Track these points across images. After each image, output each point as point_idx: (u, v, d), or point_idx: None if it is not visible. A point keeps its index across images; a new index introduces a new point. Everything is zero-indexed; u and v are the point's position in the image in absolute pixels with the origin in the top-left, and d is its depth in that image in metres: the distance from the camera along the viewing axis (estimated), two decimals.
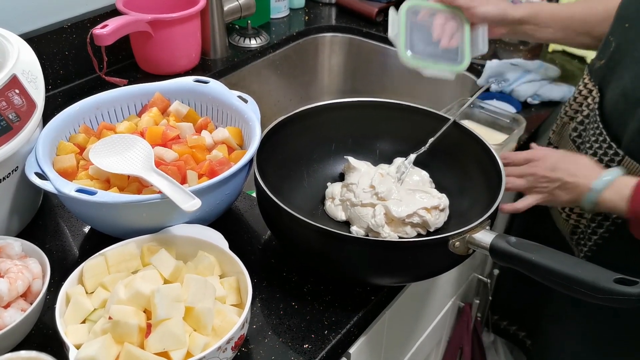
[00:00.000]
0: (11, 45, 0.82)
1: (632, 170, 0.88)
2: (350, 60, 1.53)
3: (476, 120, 1.14)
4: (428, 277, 0.78)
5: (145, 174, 0.75)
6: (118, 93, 0.92)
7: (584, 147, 0.98)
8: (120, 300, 0.63)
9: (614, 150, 0.91)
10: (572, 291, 0.62)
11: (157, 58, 1.22)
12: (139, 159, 0.78)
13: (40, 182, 0.74)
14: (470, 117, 1.14)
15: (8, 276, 0.66)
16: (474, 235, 0.71)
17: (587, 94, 0.99)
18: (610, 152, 0.91)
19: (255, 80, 1.38)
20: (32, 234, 0.85)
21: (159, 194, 0.73)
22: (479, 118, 1.14)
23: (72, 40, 1.16)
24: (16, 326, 0.63)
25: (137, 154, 0.79)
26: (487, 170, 0.84)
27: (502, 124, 1.12)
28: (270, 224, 0.81)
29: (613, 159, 0.91)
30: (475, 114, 1.14)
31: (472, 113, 1.14)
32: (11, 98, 0.76)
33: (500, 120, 1.12)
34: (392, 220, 0.83)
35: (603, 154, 0.92)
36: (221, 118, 0.93)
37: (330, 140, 0.96)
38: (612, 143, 0.91)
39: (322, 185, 0.93)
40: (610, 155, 0.91)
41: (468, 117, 1.14)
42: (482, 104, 1.13)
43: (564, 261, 0.64)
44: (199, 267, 0.71)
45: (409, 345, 1.10)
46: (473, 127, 0.91)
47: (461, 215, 0.86)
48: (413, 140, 0.92)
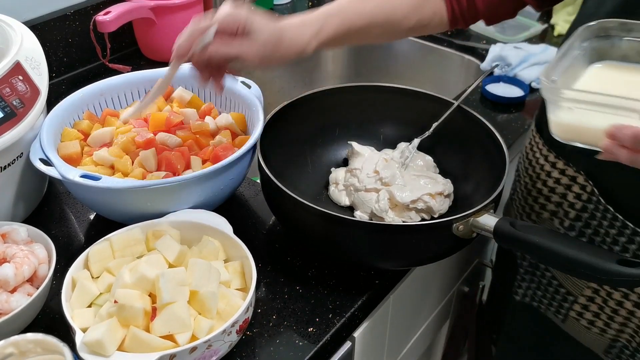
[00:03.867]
0: (14, 32, 0.82)
1: None
2: (354, 46, 1.52)
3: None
4: (432, 261, 0.78)
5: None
6: (122, 79, 0.92)
7: (601, 245, 0.81)
8: (126, 284, 0.64)
9: (632, 229, 0.76)
10: (575, 273, 0.63)
11: (160, 45, 1.22)
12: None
13: (45, 168, 0.74)
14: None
15: (14, 261, 0.66)
16: (478, 219, 0.71)
17: (570, 182, 0.82)
18: (627, 232, 0.77)
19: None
20: (38, 220, 0.85)
21: (163, 179, 0.73)
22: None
23: (75, 28, 1.16)
24: (22, 310, 0.64)
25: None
26: (491, 154, 0.83)
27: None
28: (274, 209, 0.81)
29: (632, 240, 0.77)
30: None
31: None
32: (15, 84, 0.76)
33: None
34: (396, 206, 0.83)
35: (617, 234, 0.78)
36: (224, 104, 0.93)
37: (334, 125, 0.95)
38: (627, 222, 0.76)
39: (326, 171, 0.93)
40: (627, 235, 0.77)
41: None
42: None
43: (567, 243, 0.64)
44: (204, 251, 0.71)
45: (414, 329, 1.11)
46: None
47: (465, 199, 0.86)
48: (417, 125, 0.92)
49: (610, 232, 0.78)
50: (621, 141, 0.54)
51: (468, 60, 1.34)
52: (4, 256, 0.67)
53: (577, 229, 0.83)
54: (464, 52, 1.35)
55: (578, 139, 0.59)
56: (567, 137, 0.60)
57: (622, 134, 0.53)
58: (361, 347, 0.85)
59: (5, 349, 0.47)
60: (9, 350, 0.47)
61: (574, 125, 0.58)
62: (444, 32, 1.37)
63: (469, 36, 1.39)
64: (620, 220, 0.76)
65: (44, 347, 0.48)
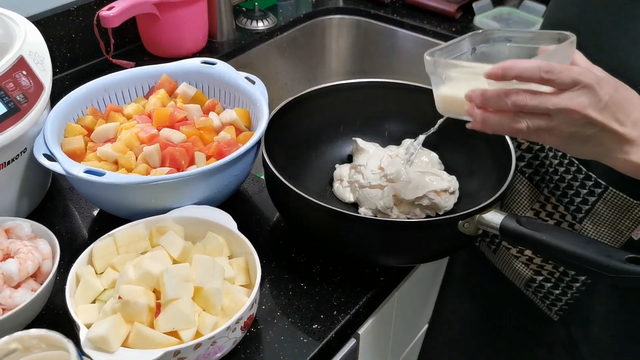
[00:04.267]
0: (18, 27, 0.81)
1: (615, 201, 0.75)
2: (359, 42, 1.52)
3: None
4: (437, 258, 0.77)
5: None
6: (125, 75, 0.92)
7: (539, 177, 0.84)
8: (130, 280, 0.63)
9: (594, 180, 0.77)
10: (583, 271, 0.62)
11: (163, 40, 1.22)
12: None
13: (49, 164, 0.74)
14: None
15: (18, 257, 0.66)
16: (484, 216, 0.70)
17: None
18: (580, 177, 0.78)
19: (263, 62, 1.38)
20: (42, 215, 0.85)
21: (167, 175, 0.73)
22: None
23: (79, 23, 1.16)
24: (26, 306, 0.64)
25: None
26: (497, 151, 0.83)
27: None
28: (279, 205, 0.80)
29: (584, 184, 0.78)
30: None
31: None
32: (18, 79, 0.76)
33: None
34: (400, 202, 0.83)
35: (572, 179, 0.79)
36: (229, 99, 0.93)
37: (339, 122, 0.95)
38: (581, 166, 0.77)
39: (330, 167, 0.93)
40: (580, 179, 0.78)
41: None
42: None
43: (575, 240, 0.64)
44: (208, 247, 0.71)
45: (419, 326, 1.11)
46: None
47: (470, 195, 0.86)
48: (422, 121, 0.91)
49: (553, 162, 0.81)
50: (475, 101, 0.62)
51: None
52: (8, 252, 0.67)
53: (526, 159, 0.85)
54: None
55: (453, 110, 0.69)
56: (446, 109, 0.70)
57: (474, 94, 0.62)
58: (366, 344, 0.84)
59: (10, 345, 0.47)
60: (13, 346, 0.47)
61: (449, 96, 0.68)
62: (449, 28, 1.38)
63: None
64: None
65: (48, 343, 0.47)
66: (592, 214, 0.78)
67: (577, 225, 0.79)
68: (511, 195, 0.87)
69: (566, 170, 0.79)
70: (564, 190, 0.80)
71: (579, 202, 0.79)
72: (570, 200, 0.79)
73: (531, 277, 0.88)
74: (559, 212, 0.82)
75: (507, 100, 0.59)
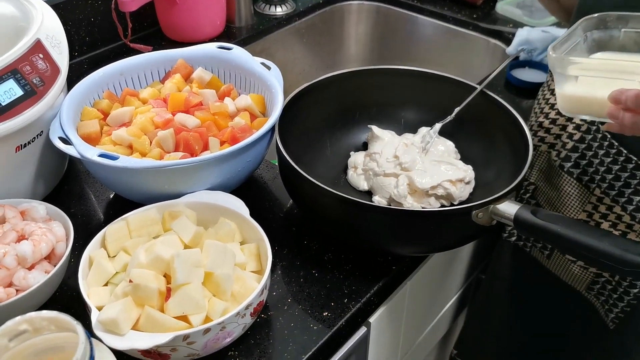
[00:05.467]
0: (35, 10, 0.82)
1: None
2: (378, 29, 1.50)
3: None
4: (450, 248, 0.77)
5: None
6: (142, 59, 0.92)
7: (588, 177, 0.82)
8: (141, 264, 0.64)
9: (635, 163, 0.76)
10: (598, 264, 0.61)
11: (181, 25, 1.22)
12: None
13: (64, 147, 0.74)
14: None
15: (32, 238, 0.67)
16: (498, 206, 0.69)
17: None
18: (638, 174, 0.77)
19: (281, 48, 1.37)
20: (58, 198, 0.86)
21: (180, 160, 0.73)
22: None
23: (98, 7, 1.16)
24: (40, 287, 0.65)
25: None
26: (514, 140, 0.82)
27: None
28: (292, 192, 0.80)
29: (634, 174, 0.77)
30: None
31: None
32: (35, 62, 0.76)
33: None
34: (415, 191, 0.82)
35: (629, 177, 0.78)
36: (244, 85, 0.92)
37: (355, 109, 0.94)
38: (630, 155, 0.76)
39: (345, 154, 0.92)
40: (639, 177, 0.77)
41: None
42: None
43: (591, 233, 0.63)
44: (220, 233, 0.71)
45: (431, 315, 1.10)
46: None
47: (486, 185, 0.85)
48: (439, 109, 0.90)
49: (605, 160, 0.78)
50: (624, 103, 0.56)
51: (494, 45, 1.31)
52: (23, 233, 0.68)
53: (573, 159, 0.82)
54: (489, 36, 1.33)
55: (584, 111, 0.63)
56: (574, 110, 0.64)
57: (625, 96, 0.56)
58: (376, 332, 0.84)
59: (20, 326, 0.47)
60: (23, 327, 0.47)
61: (580, 96, 0.62)
62: (470, 15, 1.35)
63: (495, 19, 1.36)
64: (616, 147, 0.77)
65: (57, 325, 0.48)
66: None
67: (637, 226, 0.77)
68: (561, 198, 0.85)
69: (621, 167, 0.77)
70: (620, 190, 0.77)
71: (638, 200, 0.76)
72: (628, 200, 0.77)
73: (593, 280, 0.86)
74: (615, 213, 0.79)
75: None
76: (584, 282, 0.87)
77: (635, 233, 0.79)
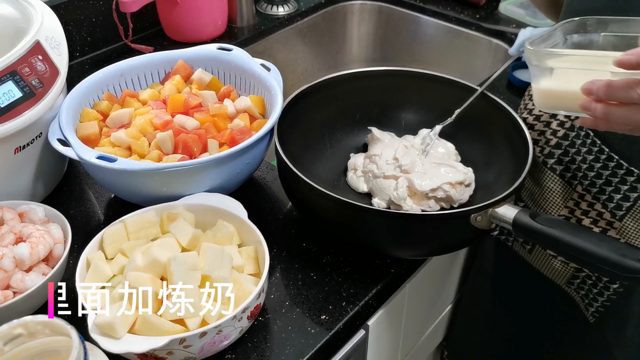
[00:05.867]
0: (35, 11, 0.82)
1: None
2: (380, 29, 1.50)
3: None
4: (449, 251, 0.76)
5: None
6: (142, 60, 0.92)
7: (571, 174, 0.82)
8: (138, 267, 0.64)
9: (626, 168, 0.75)
10: (596, 269, 0.61)
11: (182, 25, 1.21)
12: None
13: (62, 149, 0.74)
14: None
15: (30, 241, 0.67)
16: (497, 210, 0.69)
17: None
18: (620, 172, 0.76)
19: (283, 48, 1.37)
20: (58, 199, 0.86)
21: (178, 162, 0.73)
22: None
23: (99, 7, 1.16)
24: (37, 289, 0.65)
25: None
26: (515, 143, 0.81)
27: None
28: (290, 194, 0.80)
29: (625, 180, 0.76)
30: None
31: None
32: (34, 64, 0.77)
33: None
34: (415, 194, 0.82)
35: (610, 175, 0.77)
36: (244, 86, 0.92)
37: (355, 110, 0.94)
38: (612, 154, 0.75)
39: (345, 156, 0.92)
40: (620, 175, 0.76)
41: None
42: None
43: (589, 237, 0.62)
44: (218, 235, 0.71)
45: (431, 317, 1.10)
46: None
47: (487, 187, 0.84)
48: (439, 111, 0.90)
49: (587, 158, 0.78)
50: (596, 94, 0.56)
51: (496, 45, 1.31)
52: (20, 235, 0.68)
53: (556, 156, 0.82)
54: (492, 36, 1.32)
55: (558, 106, 0.64)
56: (549, 105, 0.64)
57: (596, 87, 0.55)
58: (375, 335, 0.84)
59: (15, 330, 0.47)
60: (18, 331, 0.47)
61: (555, 90, 0.62)
62: (473, 15, 1.35)
63: (498, 19, 1.35)
64: (598, 145, 0.76)
65: (52, 329, 0.48)
66: (634, 211, 0.75)
67: (617, 224, 0.77)
68: (543, 194, 0.85)
69: (603, 165, 0.76)
70: (601, 187, 0.77)
71: (619, 199, 0.76)
72: (609, 197, 0.77)
73: (573, 274, 0.86)
74: (596, 210, 0.79)
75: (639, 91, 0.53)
76: (565, 276, 0.87)
77: (615, 230, 0.79)
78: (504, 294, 1.03)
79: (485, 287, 1.05)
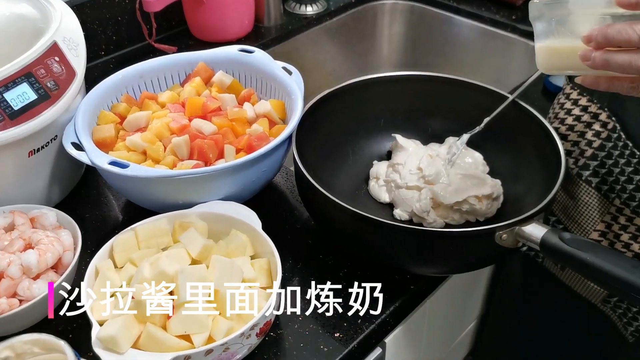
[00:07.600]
0: (55, 11, 0.81)
1: None
2: (412, 29, 1.45)
3: None
4: (472, 269, 0.72)
5: None
6: (162, 62, 0.90)
7: (608, 186, 0.78)
8: (144, 279, 0.62)
9: None
10: (629, 298, 0.56)
11: (208, 24, 1.20)
12: None
13: (76, 153, 0.73)
14: None
15: (38, 248, 0.65)
16: (524, 228, 0.65)
17: (591, 120, 0.78)
18: None
19: (310, 48, 1.34)
20: (74, 203, 0.84)
21: (191, 170, 0.71)
22: None
23: (125, 6, 1.15)
24: (44, 298, 0.63)
25: None
26: (546, 155, 0.77)
27: None
28: (307, 203, 0.77)
29: None
30: None
31: None
32: (50, 65, 0.75)
33: None
34: (439, 206, 0.78)
35: None
36: (265, 90, 0.90)
37: (379, 116, 0.90)
38: None
39: (368, 163, 0.89)
40: None
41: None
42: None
43: (622, 263, 0.57)
44: (230, 246, 0.69)
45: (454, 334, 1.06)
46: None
47: (516, 200, 0.80)
48: (468, 119, 0.86)
49: (625, 170, 0.74)
50: (595, 39, 0.54)
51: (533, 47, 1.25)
52: (30, 242, 0.67)
53: (591, 168, 0.78)
54: (529, 38, 1.26)
55: (560, 64, 0.62)
56: (551, 64, 0.63)
57: (596, 31, 0.54)
58: (393, 352, 0.80)
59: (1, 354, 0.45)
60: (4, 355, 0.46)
61: (558, 47, 0.61)
62: (509, 16, 1.29)
63: None
64: (637, 157, 0.73)
65: (42, 347, 0.46)
66: None
67: None
68: (578, 208, 0.81)
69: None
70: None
71: None
72: None
73: (609, 293, 0.81)
74: (635, 225, 0.75)
75: (637, 29, 0.51)
76: (600, 295, 0.83)
77: None
78: (533, 310, 0.98)
79: (513, 303, 1.01)
